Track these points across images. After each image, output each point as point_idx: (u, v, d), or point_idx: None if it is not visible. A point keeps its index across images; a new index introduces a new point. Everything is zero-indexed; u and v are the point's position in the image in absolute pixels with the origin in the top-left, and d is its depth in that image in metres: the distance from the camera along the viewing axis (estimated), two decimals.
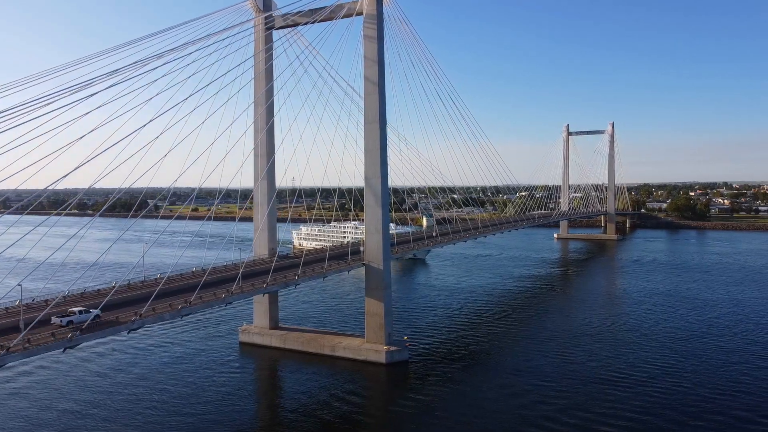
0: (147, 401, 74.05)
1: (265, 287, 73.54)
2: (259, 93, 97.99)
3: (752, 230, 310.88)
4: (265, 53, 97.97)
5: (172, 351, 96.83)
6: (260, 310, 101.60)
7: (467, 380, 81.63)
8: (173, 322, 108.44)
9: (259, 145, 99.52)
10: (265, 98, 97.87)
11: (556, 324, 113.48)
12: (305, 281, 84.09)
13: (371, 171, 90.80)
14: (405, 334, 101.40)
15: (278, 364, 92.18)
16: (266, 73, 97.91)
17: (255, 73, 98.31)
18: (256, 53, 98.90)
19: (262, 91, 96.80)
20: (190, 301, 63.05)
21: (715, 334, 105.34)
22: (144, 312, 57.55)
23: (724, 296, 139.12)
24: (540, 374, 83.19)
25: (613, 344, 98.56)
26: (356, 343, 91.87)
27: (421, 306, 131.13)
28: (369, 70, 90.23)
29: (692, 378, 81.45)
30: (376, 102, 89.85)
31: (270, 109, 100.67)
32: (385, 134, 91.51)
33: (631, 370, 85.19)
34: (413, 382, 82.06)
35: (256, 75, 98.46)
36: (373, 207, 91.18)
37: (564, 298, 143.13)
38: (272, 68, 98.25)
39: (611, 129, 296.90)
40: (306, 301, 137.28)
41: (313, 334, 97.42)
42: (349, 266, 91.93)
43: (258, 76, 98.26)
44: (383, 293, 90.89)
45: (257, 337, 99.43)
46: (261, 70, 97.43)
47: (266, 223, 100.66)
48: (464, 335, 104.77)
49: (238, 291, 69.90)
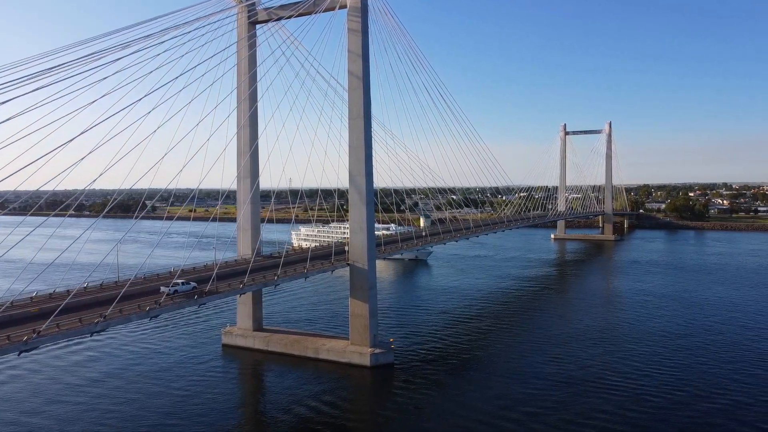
0: (122, 407, 71.41)
1: (242, 288, 70.89)
2: (241, 89, 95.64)
3: (751, 230, 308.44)
4: (248, 49, 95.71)
5: (152, 353, 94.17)
6: (244, 311, 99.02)
7: (454, 384, 79.00)
8: (147, 323, 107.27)
9: (242, 142, 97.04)
10: (248, 94, 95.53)
11: (549, 326, 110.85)
12: (285, 282, 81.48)
13: (356, 168, 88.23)
14: (393, 336, 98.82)
15: (260, 368, 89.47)
16: (249, 68, 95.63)
17: (237, 69, 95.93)
18: (239, 49, 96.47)
19: (243, 85, 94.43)
20: (160, 302, 60.40)
21: (714, 336, 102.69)
22: (109, 314, 54.93)
23: (723, 297, 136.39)
24: (531, 378, 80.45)
25: (607, 347, 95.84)
26: (340, 346, 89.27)
27: (414, 307, 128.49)
28: (353, 65, 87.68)
29: (690, 387, 78.23)
30: (361, 97, 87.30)
31: (253, 106, 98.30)
32: (370, 130, 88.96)
33: (626, 374, 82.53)
34: (398, 386, 79.36)
35: (238, 71, 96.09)
36: (357, 205, 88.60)
37: (558, 299, 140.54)
38: (255, 63, 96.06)
39: (608, 128, 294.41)
40: (294, 301, 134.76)
41: (297, 336, 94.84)
42: (332, 266, 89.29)
43: (240, 72, 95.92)
44: (368, 294, 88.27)
45: (240, 339, 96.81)
46: (243, 66, 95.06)
47: (249, 222, 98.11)
48: (455, 337, 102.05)
49: (213, 291, 67.24)
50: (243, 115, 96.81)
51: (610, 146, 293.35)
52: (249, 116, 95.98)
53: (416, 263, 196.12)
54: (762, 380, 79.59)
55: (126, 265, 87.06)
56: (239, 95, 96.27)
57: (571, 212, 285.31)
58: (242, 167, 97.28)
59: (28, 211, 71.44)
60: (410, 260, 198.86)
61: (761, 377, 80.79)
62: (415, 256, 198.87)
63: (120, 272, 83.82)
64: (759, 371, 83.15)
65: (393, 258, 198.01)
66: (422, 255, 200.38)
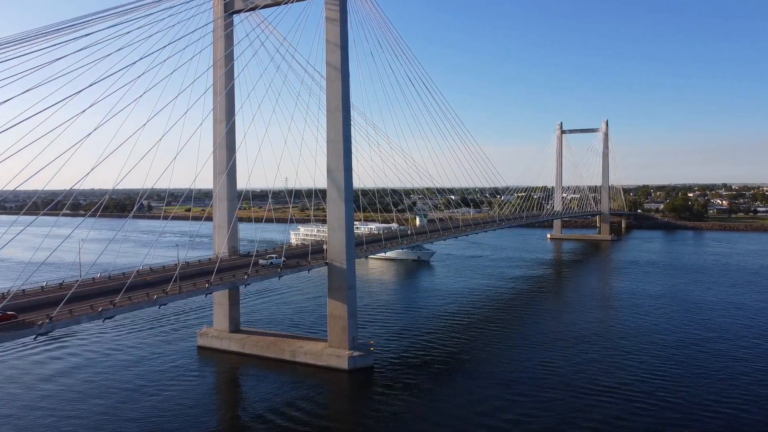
0: (88, 412, 67.88)
1: (208, 287, 67.25)
2: (217, 81, 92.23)
3: (750, 231, 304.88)
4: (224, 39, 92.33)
5: (124, 355, 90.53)
6: (220, 312, 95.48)
7: (435, 389, 75.37)
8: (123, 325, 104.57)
9: (217, 136, 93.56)
10: (223, 87, 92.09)
11: (540, 328, 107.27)
12: (256, 281, 77.83)
13: (334, 163, 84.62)
14: (377, 338, 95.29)
15: (235, 371, 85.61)
16: (225, 60, 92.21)
17: (213, 60, 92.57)
18: (215, 39, 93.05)
19: (219, 78, 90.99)
20: (115, 302, 56.84)
21: (713, 339, 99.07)
22: (56, 315, 51.33)
23: (724, 299, 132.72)
24: (518, 384, 76.58)
25: (597, 351, 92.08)
26: (318, 348, 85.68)
27: (403, 308, 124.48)
28: (331, 55, 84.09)
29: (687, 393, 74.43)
30: (339, 89, 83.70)
31: (230, 99, 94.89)
32: (349, 123, 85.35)
33: (615, 379, 78.97)
34: (376, 391, 75.75)
35: (214, 62, 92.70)
36: (336, 201, 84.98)
37: (551, 300, 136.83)
38: (232, 54, 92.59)
39: (605, 127, 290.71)
40: (280, 301, 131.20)
41: (274, 338, 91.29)
42: (309, 265, 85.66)
43: (216, 63, 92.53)
44: (347, 294, 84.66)
45: (216, 341, 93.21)
46: (219, 57, 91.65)
47: (225, 219, 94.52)
48: (442, 340, 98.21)
49: (174, 291, 63.59)
50: (218, 109, 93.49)
51: (606, 145, 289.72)
52: (225, 110, 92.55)
53: (418, 264, 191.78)
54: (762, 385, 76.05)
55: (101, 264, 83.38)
56: (215, 88, 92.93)
57: (566, 212, 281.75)
58: (218, 162, 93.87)
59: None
60: (413, 261, 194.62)
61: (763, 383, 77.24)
62: (417, 257, 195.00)
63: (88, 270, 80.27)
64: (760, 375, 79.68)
65: (395, 258, 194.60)
66: (424, 256, 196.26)
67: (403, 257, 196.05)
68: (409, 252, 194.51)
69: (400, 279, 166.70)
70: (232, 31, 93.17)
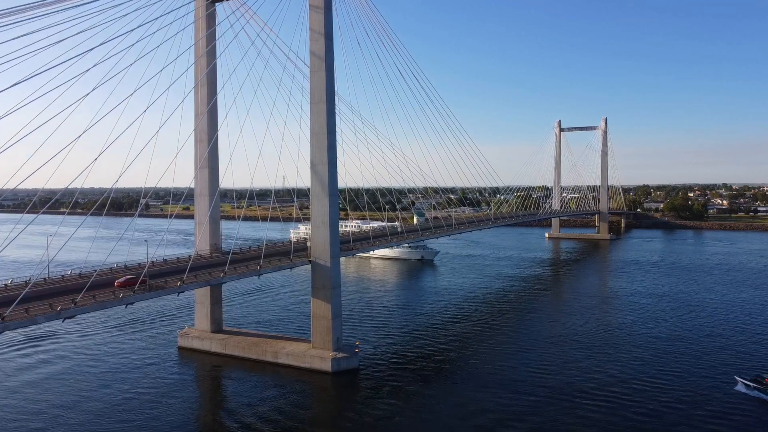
0: (64, 415, 64.90)
1: (180, 286, 63.83)
2: (198, 72, 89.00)
3: (750, 230, 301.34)
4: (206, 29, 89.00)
5: (103, 356, 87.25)
6: (201, 311, 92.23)
7: (421, 392, 72.08)
8: (101, 324, 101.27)
9: (199, 130, 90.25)
10: (206, 80, 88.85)
11: (534, 329, 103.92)
12: (233, 279, 74.41)
13: (318, 156, 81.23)
14: (366, 339, 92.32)
15: (216, 373, 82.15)
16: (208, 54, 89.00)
17: (195, 51, 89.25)
18: (197, 30, 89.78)
19: (201, 69, 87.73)
20: (76, 301, 53.45)
21: (716, 345, 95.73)
22: (7, 315, 47.95)
23: (723, 299, 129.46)
24: (510, 388, 73.28)
25: (591, 352, 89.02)
26: (301, 349, 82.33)
27: (396, 308, 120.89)
28: (315, 44, 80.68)
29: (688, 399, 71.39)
30: (323, 80, 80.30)
31: (212, 91, 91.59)
32: (333, 116, 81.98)
33: (608, 382, 75.86)
34: (361, 394, 72.52)
35: (196, 52, 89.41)
36: (319, 197, 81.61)
37: (547, 300, 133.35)
38: (215, 44, 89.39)
39: (604, 125, 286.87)
40: (268, 300, 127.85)
41: (257, 339, 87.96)
42: (291, 263, 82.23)
43: (198, 54, 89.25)
44: (331, 293, 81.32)
45: (197, 341, 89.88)
46: (201, 47, 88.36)
47: (207, 215, 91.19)
48: (432, 341, 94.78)
49: (143, 290, 60.19)
50: (199, 103, 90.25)
51: (605, 143, 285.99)
52: (206, 103, 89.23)
53: (422, 263, 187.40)
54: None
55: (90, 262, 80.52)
56: (196, 80, 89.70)
57: (564, 210, 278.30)
58: (199, 157, 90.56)
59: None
60: (417, 260, 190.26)
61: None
62: (421, 256, 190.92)
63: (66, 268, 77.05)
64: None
65: (398, 258, 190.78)
66: (428, 255, 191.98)
67: (406, 256, 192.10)
68: (413, 251, 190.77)
69: (398, 278, 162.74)
70: (215, 21, 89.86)
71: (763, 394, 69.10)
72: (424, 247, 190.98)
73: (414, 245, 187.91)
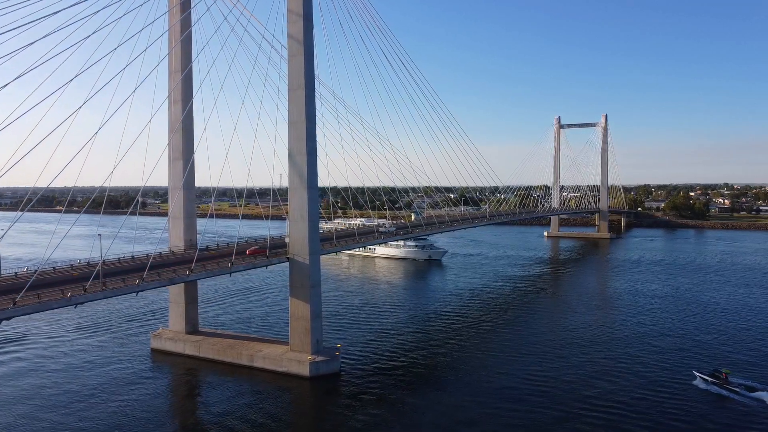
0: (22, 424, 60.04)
1: (139, 284, 58.67)
2: (172, 59, 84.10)
3: (753, 229, 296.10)
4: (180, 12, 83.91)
5: (67, 360, 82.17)
6: (176, 311, 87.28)
7: (407, 399, 66.98)
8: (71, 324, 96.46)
9: (173, 120, 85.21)
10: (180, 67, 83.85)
11: (530, 332, 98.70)
12: (200, 277, 69.19)
13: (296, 146, 76.11)
14: (352, 341, 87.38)
15: (189, 378, 76.83)
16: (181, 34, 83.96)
17: (169, 37, 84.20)
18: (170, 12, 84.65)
19: (175, 55, 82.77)
20: (16, 300, 48.32)
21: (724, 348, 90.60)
22: None
23: (729, 299, 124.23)
24: (502, 396, 68.02)
25: (593, 358, 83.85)
26: (278, 352, 77.26)
27: (389, 310, 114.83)
28: (293, 26, 75.59)
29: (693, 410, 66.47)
30: (302, 64, 75.20)
31: (188, 81, 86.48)
32: (313, 103, 76.83)
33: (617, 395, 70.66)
34: (340, 402, 67.29)
35: (170, 38, 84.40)
36: (297, 189, 76.47)
37: (544, 300, 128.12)
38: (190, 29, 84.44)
39: (604, 121, 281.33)
40: (254, 300, 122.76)
41: (233, 340, 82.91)
42: (268, 261, 77.08)
43: (172, 40, 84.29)
44: (309, 292, 76.21)
45: (170, 343, 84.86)
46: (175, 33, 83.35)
47: (182, 210, 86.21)
48: (422, 344, 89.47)
49: (96, 289, 55.07)
50: (176, 91, 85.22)
51: (605, 140, 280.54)
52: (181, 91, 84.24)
53: (429, 263, 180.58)
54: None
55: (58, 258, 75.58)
56: (170, 67, 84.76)
57: (563, 209, 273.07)
58: (173, 148, 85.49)
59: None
60: (424, 260, 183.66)
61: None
62: (428, 256, 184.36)
63: None
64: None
65: (404, 258, 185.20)
66: (436, 255, 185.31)
67: (413, 256, 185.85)
68: (420, 251, 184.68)
69: (399, 278, 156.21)
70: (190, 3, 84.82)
71: (720, 388, 68.10)
72: (432, 247, 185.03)
73: (421, 245, 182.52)
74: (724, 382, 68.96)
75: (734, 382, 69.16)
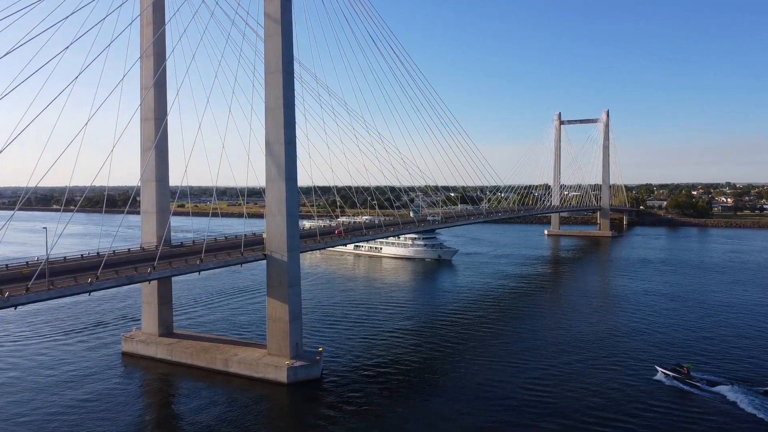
0: None
1: (90, 284, 53.11)
2: (144, 41, 78.61)
3: (757, 228, 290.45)
4: None
5: (31, 363, 76.69)
6: (149, 312, 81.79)
7: (394, 409, 61.54)
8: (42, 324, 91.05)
9: (146, 109, 79.67)
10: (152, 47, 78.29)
11: (526, 334, 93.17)
12: (163, 275, 63.58)
13: (273, 135, 70.54)
14: (338, 344, 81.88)
15: (162, 384, 71.00)
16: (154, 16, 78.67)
17: (141, 20, 78.82)
18: None
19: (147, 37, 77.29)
20: None
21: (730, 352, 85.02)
22: None
23: (735, 300, 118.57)
24: (498, 406, 62.58)
25: (599, 363, 78.24)
26: (255, 356, 71.74)
27: (384, 312, 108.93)
28: (270, 4, 70.07)
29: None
30: (279, 46, 69.63)
31: (159, 63, 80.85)
32: (291, 87, 71.26)
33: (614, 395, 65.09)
34: (319, 411, 61.72)
35: (141, 21, 79.01)
36: (275, 180, 70.90)
37: (542, 300, 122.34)
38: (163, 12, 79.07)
39: (605, 117, 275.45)
40: (240, 300, 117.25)
41: (208, 343, 77.42)
42: (243, 258, 71.46)
43: (144, 22, 78.92)
44: (288, 292, 70.65)
45: (142, 346, 79.36)
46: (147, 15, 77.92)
47: (154, 204, 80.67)
48: (412, 348, 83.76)
49: (41, 288, 49.52)
50: (147, 75, 79.69)
51: (607, 136, 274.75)
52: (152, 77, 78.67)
53: (439, 263, 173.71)
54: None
55: None
56: (142, 49, 79.19)
57: (564, 206, 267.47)
58: (145, 138, 79.97)
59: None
60: (433, 260, 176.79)
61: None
62: (438, 255, 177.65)
63: None
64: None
65: (413, 257, 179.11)
66: (446, 255, 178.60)
67: (422, 256, 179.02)
68: (429, 251, 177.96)
69: (401, 279, 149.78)
70: None
71: (681, 383, 66.71)
72: (441, 246, 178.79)
73: (430, 244, 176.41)
74: (685, 376, 67.22)
75: (696, 376, 67.56)
